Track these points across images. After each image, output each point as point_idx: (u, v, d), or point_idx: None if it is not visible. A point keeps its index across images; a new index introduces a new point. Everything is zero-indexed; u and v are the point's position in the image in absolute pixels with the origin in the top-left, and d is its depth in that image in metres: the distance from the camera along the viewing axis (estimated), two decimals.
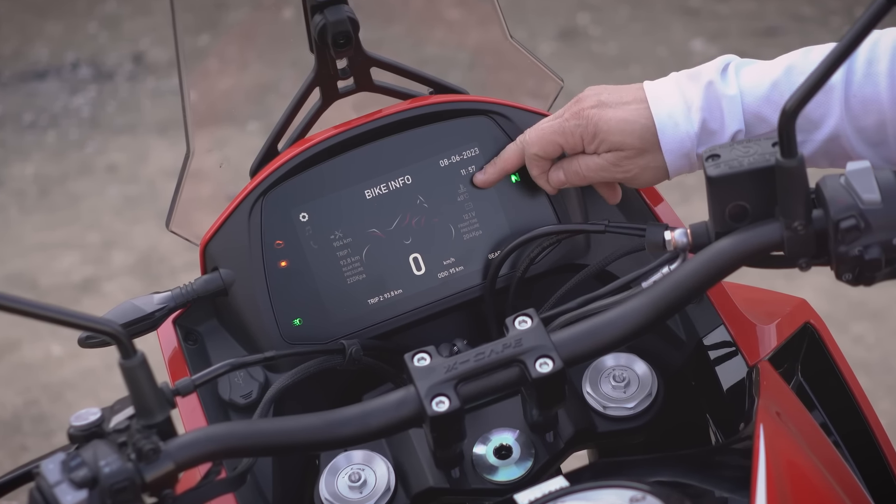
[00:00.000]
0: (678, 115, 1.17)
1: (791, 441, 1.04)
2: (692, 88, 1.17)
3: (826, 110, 1.13)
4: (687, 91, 1.18)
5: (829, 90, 1.13)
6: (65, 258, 3.28)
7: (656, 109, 1.18)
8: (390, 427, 0.97)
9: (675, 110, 1.17)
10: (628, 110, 1.18)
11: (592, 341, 0.98)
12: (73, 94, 3.91)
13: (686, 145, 1.17)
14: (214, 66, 1.78)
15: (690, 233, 1.01)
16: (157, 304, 1.21)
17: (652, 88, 1.19)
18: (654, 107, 1.18)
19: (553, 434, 1.15)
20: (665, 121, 1.17)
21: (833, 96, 1.13)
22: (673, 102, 1.18)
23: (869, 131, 1.14)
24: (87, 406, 0.96)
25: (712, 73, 1.17)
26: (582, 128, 1.20)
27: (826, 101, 1.13)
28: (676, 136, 1.17)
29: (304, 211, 1.23)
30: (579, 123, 1.20)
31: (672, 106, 1.17)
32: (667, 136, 1.17)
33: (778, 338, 1.19)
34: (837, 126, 1.14)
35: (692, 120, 1.17)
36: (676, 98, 1.18)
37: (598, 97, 1.20)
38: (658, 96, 1.18)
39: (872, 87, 1.12)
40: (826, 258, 0.96)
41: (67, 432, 0.96)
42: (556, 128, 1.21)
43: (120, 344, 0.92)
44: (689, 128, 1.17)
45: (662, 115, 1.17)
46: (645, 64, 3.72)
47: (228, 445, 0.95)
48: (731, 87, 1.16)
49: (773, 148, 0.96)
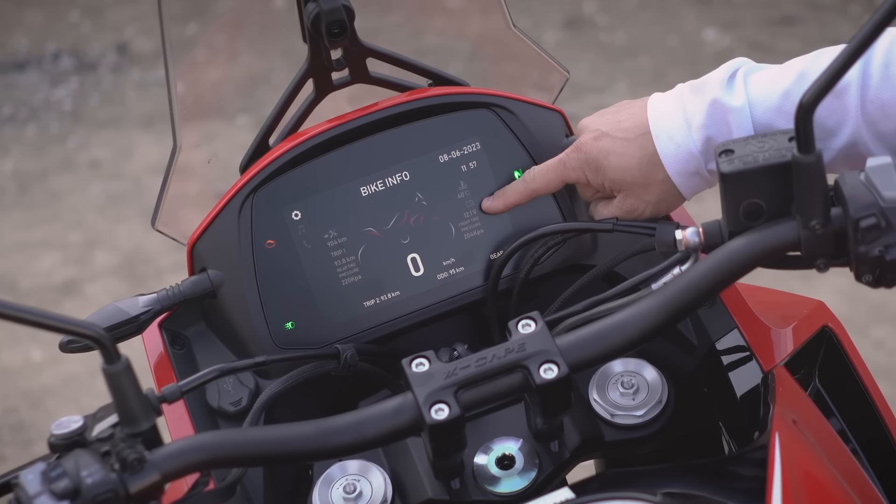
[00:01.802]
0: (677, 134, 1.17)
1: (808, 450, 1.05)
2: (695, 103, 1.17)
3: (842, 118, 1.13)
4: (689, 106, 1.17)
5: (843, 96, 1.12)
6: (45, 258, 3.28)
7: (656, 130, 1.18)
8: (387, 436, 0.97)
9: (674, 129, 1.17)
10: (626, 142, 1.19)
11: (599, 346, 0.98)
12: (54, 87, 3.91)
13: (691, 164, 1.17)
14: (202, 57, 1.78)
15: (703, 232, 1.01)
16: (142, 307, 1.21)
17: (655, 106, 1.20)
18: (654, 127, 1.18)
19: (558, 443, 1.15)
20: (665, 143, 1.18)
21: (848, 102, 1.12)
22: (672, 121, 1.18)
23: (889, 136, 1.14)
24: (69, 414, 0.97)
25: (717, 87, 1.16)
26: (583, 162, 1.22)
27: (841, 108, 1.13)
28: (678, 156, 1.17)
29: (296, 209, 1.23)
30: (579, 157, 1.22)
31: (671, 125, 1.18)
32: (668, 157, 1.18)
33: (794, 342, 1.19)
34: (855, 133, 1.13)
35: (693, 138, 1.16)
36: (677, 115, 1.18)
37: (597, 127, 1.22)
38: (659, 114, 1.19)
39: (890, 91, 1.12)
40: (845, 259, 0.97)
41: (48, 441, 0.96)
42: (558, 164, 1.23)
43: (103, 348, 0.92)
44: (691, 146, 1.17)
45: (662, 136, 1.18)
46: (655, 54, 3.72)
47: (217, 455, 0.95)
48: (738, 98, 1.15)
49: (790, 143, 0.96)
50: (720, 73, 1.17)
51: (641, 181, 1.19)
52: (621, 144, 1.19)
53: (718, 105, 1.16)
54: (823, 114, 1.12)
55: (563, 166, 1.23)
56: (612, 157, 1.20)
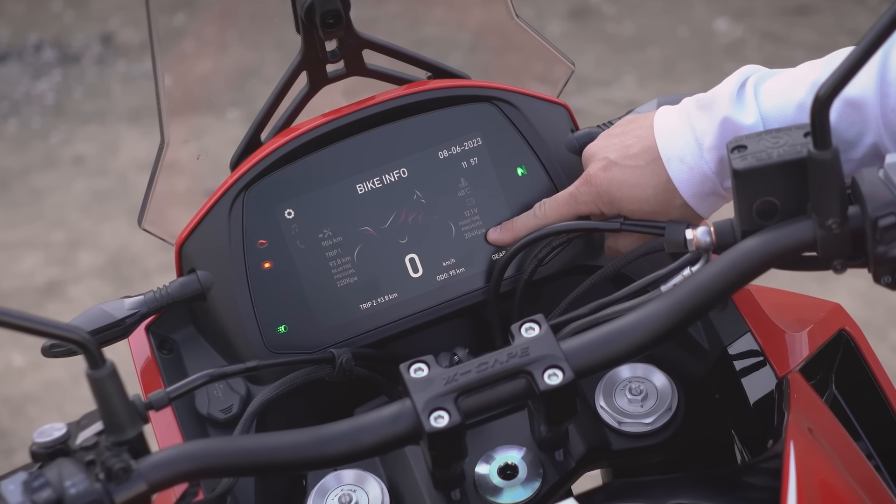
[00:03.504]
0: (688, 157, 1.17)
1: (824, 459, 1.05)
2: (704, 122, 1.16)
3: (861, 129, 1.13)
4: (698, 125, 1.16)
5: (862, 108, 1.12)
6: (27, 259, 3.29)
7: (666, 155, 1.17)
8: (384, 444, 0.97)
9: (685, 151, 1.17)
10: (637, 170, 1.19)
11: (606, 350, 0.98)
12: (35, 79, 3.91)
13: (706, 186, 1.17)
14: (191, 48, 1.78)
15: (714, 231, 1.01)
16: (128, 310, 1.21)
17: (662, 125, 1.19)
18: (664, 151, 1.17)
19: (563, 452, 1.15)
20: (677, 167, 1.17)
21: (867, 114, 1.12)
22: (682, 143, 1.17)
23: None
24: (52, 421, 0.97)
25: (726, 105, 1.15)
26: (595, 195, 1.21)
27: (860, 119, 1.12)
28: (692, 179, 1.17)
29: (289, 207, 1.23)
30: (590, 191, 1.21)
31: (682, 147, 1.17)
32: (682, 182, 1.17)
33: (810, 346, 1.19)
34: (876, 143, 1.13)
35: (706, 159, 1.16)
36: (686, 136, 1.17)
37: (605, 155, 1.21)
38: (667, 135, 1.18)
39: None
40: (863, 259, 0.97)
41: (30, 450, 0.96)
42: (570, 199, 1.23)
43: (87, 353, 0.93)
44: (704, 167, 1.16)
45: (673, 161, 1.17)
46: (664, 45, 3.72)
47: (206, 464, 0.95)
48: (750, 114, 1.14)
49: (805, 138, 0.96)
50: (729, 87, 1.16)
51: (659, 210, 1.19)
52: (632, 173, 1.19)
53: (730, 125, 1.14)
54: (842, 126, 1.11)
55: (574, 201, 1.22)
56: (624, 189, 1.19)
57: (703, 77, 3.51)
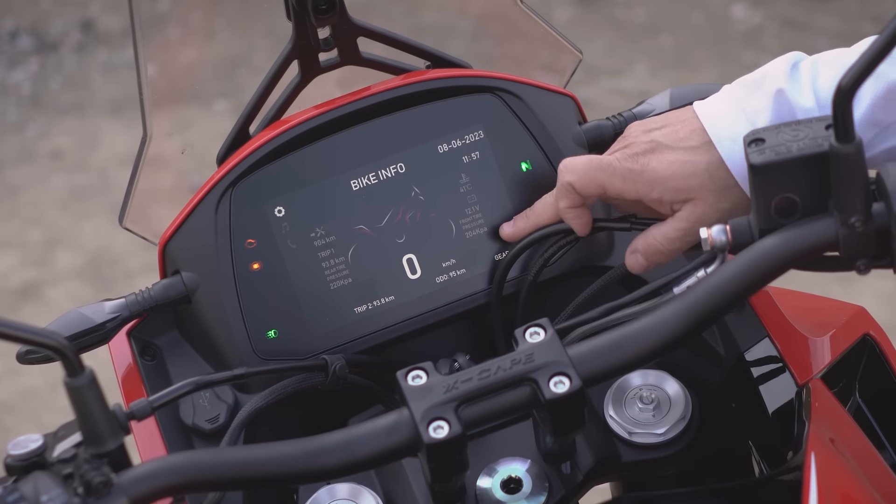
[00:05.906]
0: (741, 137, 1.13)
1: (847, 472, 1.05)
2: (756, 100, 1.14)
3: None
4: (749, 104, 1.14)
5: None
6: (1, 259, 3.29)
7: (717, 135, 1.14)
8: (380, 456, 0.97)
9: (737, 133, 1.12)
10: (690, 151, 1.15)
11: (616, 357, 0.98)
12: (11, 69, 3.91)
13: None
14: (176, 36, 1.79)
15: (730, 230, 1.01)
16: (108, 314, 1.21)
17: (704, 112, 1.15)
18: (713, 133, 1.14)
19: (570, 465, 1.16)
20: (729, 146, 1.13)
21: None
22: (734, 125, 1.13)
23: None
24: (27, 432, 0.97)
25: (780, 78, 1.13)
26: (636, 174, 1.16)
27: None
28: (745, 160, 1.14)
29: (279, 205, 1.24)
30: (633, 169, 1.16)
31: (734, 129, 1.13)
32: (736, 164, 1.13)
33: (832, 352, 1.19)
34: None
35: None
36: (737, 116, 1.14)
37: (650, 137, 1.17)
38: (714, 119, 1.15)
39: None
40: (888, 259, 0.97)
41: (4, 462, 0.96)
42: (604, 164, 1.17)
43: (65, 359, 0.93)
44: None
45: (724, 140, 1.13)
46: (678, 33, 3.72)
47: (192, 478, 0.95)
48: (806, 96, 1.12)
49: (827, 131, 0.96)
50: (780, 66, 1.14)
51: (713, 187, 1.14)
52: (684, 154, 1.14)
53: (785, 100, 1.12)
54: (880, 112, 1.10)
55: (610, 169, 1.16)
56: (676, 166, 1.14)
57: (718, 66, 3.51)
